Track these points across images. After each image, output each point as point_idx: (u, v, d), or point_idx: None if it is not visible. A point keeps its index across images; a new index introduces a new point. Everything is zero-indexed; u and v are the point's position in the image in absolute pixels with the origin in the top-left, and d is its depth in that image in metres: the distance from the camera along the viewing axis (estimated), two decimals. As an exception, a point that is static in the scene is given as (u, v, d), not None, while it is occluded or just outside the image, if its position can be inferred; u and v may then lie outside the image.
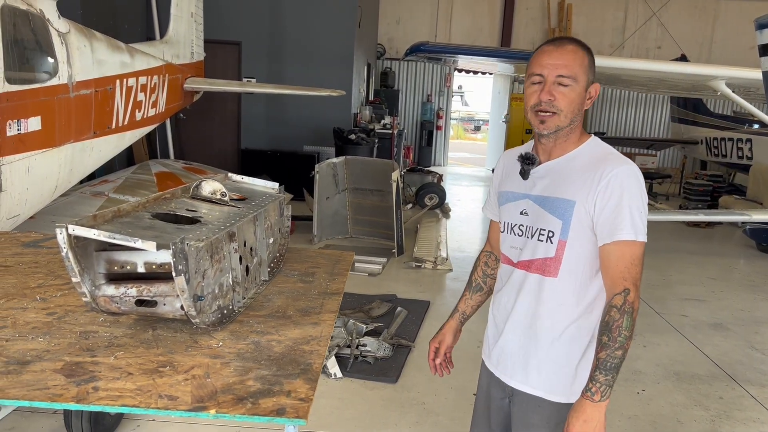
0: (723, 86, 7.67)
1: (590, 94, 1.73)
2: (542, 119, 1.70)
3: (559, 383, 1.78)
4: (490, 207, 2.05)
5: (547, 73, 1.68)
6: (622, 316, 1.61)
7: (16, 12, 3.65)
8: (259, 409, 1.35)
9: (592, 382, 1.63)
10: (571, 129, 1.73)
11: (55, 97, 4.04)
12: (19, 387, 1.39)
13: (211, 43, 9.23)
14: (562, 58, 1.67)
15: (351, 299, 5.36)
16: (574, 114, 1.70)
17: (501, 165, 1.97)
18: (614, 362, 1.60)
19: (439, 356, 2.11)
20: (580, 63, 1.69)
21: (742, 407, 3.96)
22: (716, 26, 15.97)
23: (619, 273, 1.63)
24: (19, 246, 2.60)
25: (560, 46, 1.69)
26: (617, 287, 1.63)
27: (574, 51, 1.69)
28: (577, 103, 1.70)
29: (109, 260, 1.67)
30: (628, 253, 1.63)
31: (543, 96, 1.68)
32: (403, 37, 15.95)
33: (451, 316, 2.15)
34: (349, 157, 7.62)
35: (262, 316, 1.90)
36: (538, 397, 1.80)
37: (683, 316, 5.68)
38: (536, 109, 1.70)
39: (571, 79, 1.67)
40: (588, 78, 1.71)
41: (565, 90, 1.67)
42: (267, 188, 2.54)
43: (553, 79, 1.67)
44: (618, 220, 1.64)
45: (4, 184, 3.55)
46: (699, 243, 9.01)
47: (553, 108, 1.68)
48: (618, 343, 1.60)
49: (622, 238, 1.63)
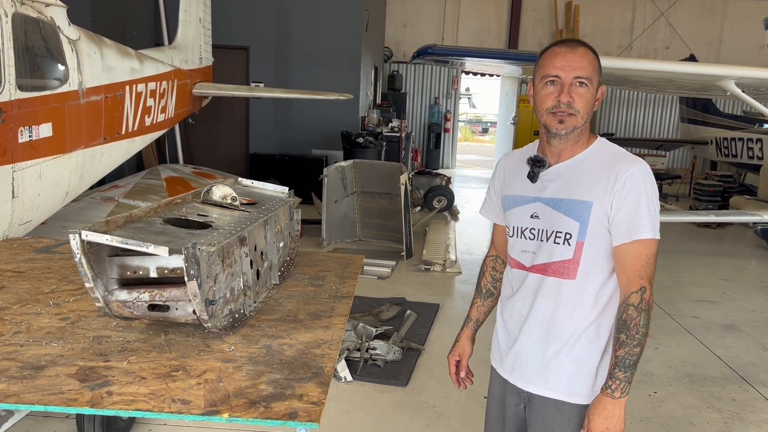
0: (732, 86, 7.61)
1: (599, 94, 1.74)
2: (561, 119, 1.69)
3: (580, 385, 1.77)
4: (490, 209, 2.03)
5: (564, 75, 1.68)
6: (640, 314, 1.63)
7: (27, 20, 3.68)
8: (271, 412, 1.36)
9: (612, 379, 1.65)
10: (583, 130, 1.74)
11: (66, 103, 4.07)
12: (33, 392, 1.40)
13: (220, 49, 9.27)
14: (577, 60, 1.68)
15: (360, 302, 5.37)
16: (588, 115, 1.72)
17: (501, 168, 1.96)
18: (633, 359, 1.64)
19: (462, 369, 2.11)
20: (593, 65, 1.70)
21: (755, 409, 3.93)
22: (725, 26, 15.89)
23: (635, 271, 1.65)
24: (32, 252, 2.62)
25: (573, 48, 1.70)
26: (633, 286, 1.65)
27: (587, 53, 1.70)
28: (591, 104, 1.71)
29: (122, 265, 1.69)
30: (644, 251, 1.65)
31: (563, 98, 1.67)
32: (410, 40, 15.96)
33: (465, 325, 2.14)
34: (357, 161, 7.63)
35: (273, 320, 1.91)
36: (558, 400, 1.79)
37: (695, 318, 5.64)
38: (554, 111, 1.70)
39: (588, 80, 1.68)
40: (599, 79, 1.73)
41: (582, 91, 1.68)
42: (277, 192, 2.55)
43: (571, 81, 1.68)
44: (636, 219, 1.65)
45: (16, 190, 3.58)
46: (710, 244, 8.96)
47: (571, 109, 1.68)
48: (636, 340, 1.63)
49: (641, 237, 1.65)
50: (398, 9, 16.21)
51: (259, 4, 10.56)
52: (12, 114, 3.47)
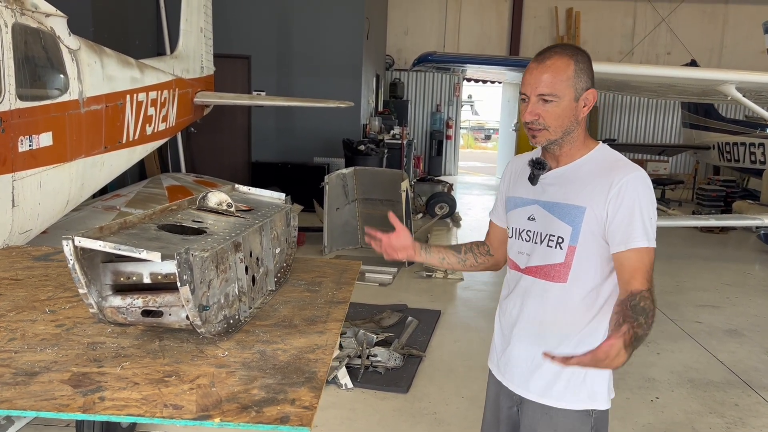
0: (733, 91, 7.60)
1: (586, 100, 1.71)
2: (533, 134, 1.73)
3: (569, 390, 1.77)
4: (496, 213, 2.05)
5: (529, 92, 1.70)
6: (654, 308, 1.57)
7: (27, 30, 3.71)
8: (263, 417, 1.36)
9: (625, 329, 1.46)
10: (571, 139, 1.74)
11: (66, 112, 4.09)
12: (26, 398, 1.40)
13: (221, 58, 9.32)
14: (541, 76, 1.67)
15: (362, 309, 5.36)
16: (564, 126, 1.70)
17: (510, 169, 1.97)
18: (642, 340, 1.51)
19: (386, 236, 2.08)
20: (562, 77, 1.66)
21: (758, 414, 3.90)
22: (726, 31, 15.89)
23: (638, 279, 1.63)
24: (30, 259, 2.63)
25: (541, 62, 1.69)
26: (641, 286, 1.62)
27: (555, 65, 1.67)
28: (565, 116, 1.69)
29: (116, 271, 1.69)
30: (644, 259, 1.64)
31: (526, 116, 1.71)
32: (411, 47, 16.01)
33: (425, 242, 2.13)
34: (359, 168, 7.64)
35: (268, 326, 1.91)
36: (546, 405, 1.79)
37: (697, 323, 5.61)
38: (527, 126, 1.73)
39: (551, 96, 1.67)
40: (576, 88, 1.68)
41: (548, 107, 1.68)
42: (274, 199, 2.55)
43: (536, 99, 1.69)
44: (632, 227, 1.64)
45: (16, 199, 3.59)
46: (713, 249, 8.93)
47: (540, 125, 1.70)
48: (649, 329, 1.54)
49: (638, 246, 1.64)
50: (399, 17, 16.28)
51: (261, 13, 10.62)
52: (12, 123, 3.49)
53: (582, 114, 1.72)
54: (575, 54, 1.70)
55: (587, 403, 1.77)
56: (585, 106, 1.72)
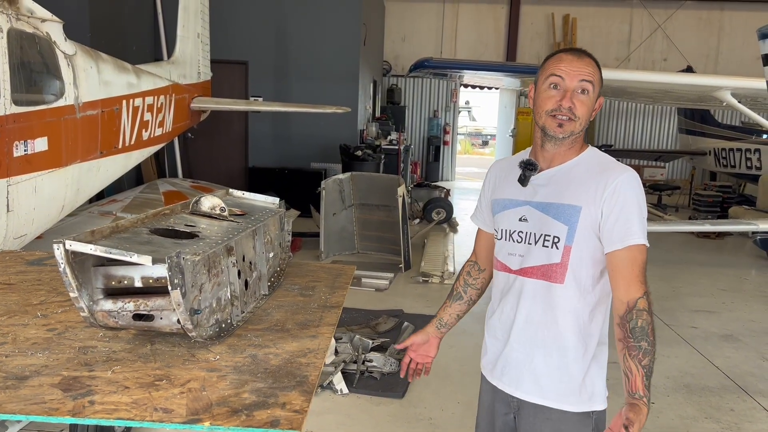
0: (729, 96, 7.66)
1: (599, 104, 1.78)
2: (560, 123, 1.71)
3: (568, 391, 1.77)
4: (480, 216, 2.05)
5: (568, 79, 1.70)
6: (652, 318, 1.64)
7: (23, 35, 3.71)
8: (253, 420, 1.35)
9: (648, 390, 1.60)
10: (579, 136, 1.77)
11: (62, 117, 4.09)
12: (16, 401, 1.40)
13: (219, 63, 9.34)
14: (582, 67, 1.71)
15: (357, 315, 5.36)
16: (587, 121, 1.75)
17: (492, 174, 1.99)
18: (653, 365, 1.62)
19: (412, 352, 2.10)
20: (597, 75, 1.74)
21: (753, 419, 3.90)
22: (722, 37, 15.96)
23: (636, 277, 1.66)
24: (24, 264, 2.63)
25: (580, 56, 1.74)
26: (637, 291, 1.65)
27: (592, 63, 1.75)
28: (590, 112, 1.74)
29: (107, 275, 1.69)
30: (640, 257, 1.67)
31: (564, 102, 1.70)
32: (408, 53, 16.05)
33: (430, 322, 2.15)
34: (355, 173, 7.65)
35: (260, 330, 1.90)
36: (547, 407, 1.78)
37: (693, 328, 5.62)
38: (554, 114, 1.71)
39: (591, 85, 1.71)
40: (599, 89, 1.76)
41: (584, 98, 1.71)
42: (267, 203, 2.55)
43: (575, 86, 1.70)
44: (628, 225, 1.67)
45: (11, 204, 3.59)
46: (709, 254, 8.94)
47: (572, 115, 1.70)
48: (654, 345, 1.63)
49: (634, 243, 1.66)
50: (397, 23, 16.33)
51: (258, 19, 10.65)
52: (7, 128, 3.49)
53: (592, 116, 1.77)
54: (597, 61, 1.79)
55: (588, 404, 1.77)
56: (594, 111, 1.77)
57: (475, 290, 2.10)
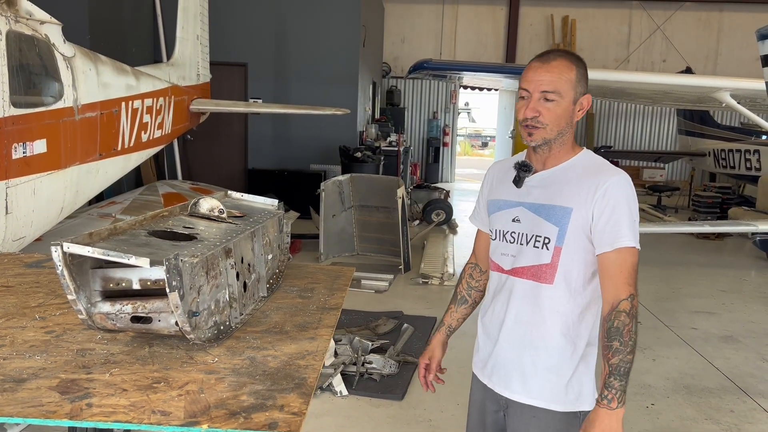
0: (728, 97, 7.66)
1: (581, 105, 1.76)
2: (529, 132, 1.75)
3: (556, 392, 1.78)
4: (478, 217, 2.08)
5: (532, 89, 1.73)
6: (632, 321, 1.65)
7: (22, 37, 3.71)
8: (251, 423, 1.35)
9: (608, 389, 1.64)
10: (562, 141, 1.77)
11: (61, 120, 4.09)
12: (13, 404, 1.39)
13: (218, 65, 9.34)
14: (546, 75, 1.71)
15: (357, 316, 5.35)
16: (561, 127, 1.74)
17: (490, 175, 2.01)
18: (627, 367, 1.64)
19: (431, 372, 2.13)
20: (565, 78, 1.72)
21: (753, 420, 3.90)
22: (721, 38, 15.98)
23: (623, 279, 1.67)
24: (22, 266, 2.62)
25: (546, 62, 1.73)
26: (623, 293, 1.66)
27: (559, 66, 1.72)
28: (563, 117, 1.74)
29: (105, 277, 1.68)
30: (630, 259, 1.68)
31: (527, 112, 1.73)
32: (408, 55, 16.07)
33: (438, 329, 2.17)
34: (355, 175, 7.65)
35: (259, 332, 1.90)
36: (534, 406, 1.79)
37: (693, 329, 5.61)
38: (524, 124, 1.76)
39: (555, 94, 1.71)
40: (576, 91, 1.74)
41: (550, 105, 1.72)
42: (266, 205, 2.55)
43: (538, 96, 1.72)
44: (618, 227, 1.68)
45: (10, 207, 3.59)
46: (709, 255, 8.94)
47: (538, 123, 1.73)
48: (629, 347, 1.64)
49: (624, 245, 1.67)
50: (396, 25, 16.34)
51: (257, 21, 10.65)
52: (6, 130, 3.49)
53: (577, 117, 1.77)
54: (577, 60, 1.76)
55: (575, 404, 1.78)
56: (580, 110, 1.76)
57: (479, 292, 2.12)
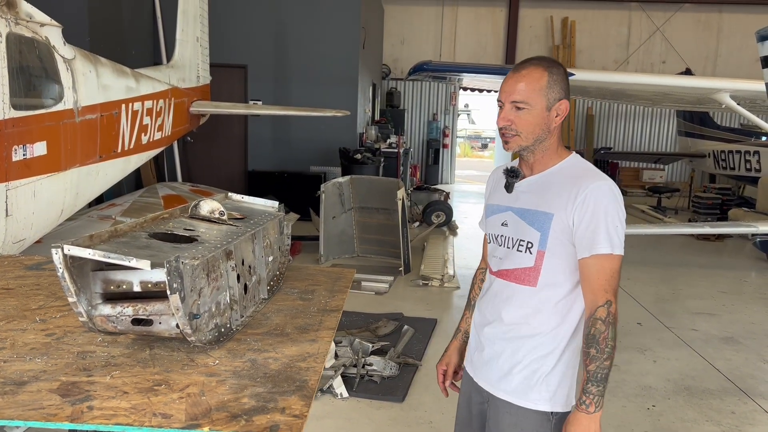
0: (727, 99, 7.66)
1: (558, 111, 1.78)
2: (505, 140, 1.81)
3: (531, 390, 1.83)
4: (483, 222, 2.12)
5: (504, 98, 1.78)
6: (608, 328, 1.68)
7: (22, 39, 3.71)
8: (252, 425, 1.34)
9: (586, 395, 1.69)
10: (544, 147, 1.81)
11: (61, 122, 4.09)
12: (14, 407, 1.39)
13: (218, 67, 9.34)
14: (516, 85, 1.75)
15: (357, 318, 5.35)
16: (536, 134, 1.78)
17: (490, 180, 2.07)
18: (604, 373, 1.68)
19: (448, 378, 2.19)
20: (534, 87, 1.74)
21: (754, 422, 3.89)
22: (721, 39, 15.99)
23: (600, 285, 1.70)
24: (22, 269, 2.62)
25: (517, 72, 1.77)
26: (600, 299, 1.70)
27: (529, 75, 1.75)
28: (537, 124, 1.77)
29: (106, 280, 1.68)
30: (608, 266, 1.70)
31: (499, 122, 1.79)
32: (407, 57, 16.08)
33: (455, 336, 2.23)
34: (355, 177, 7.65)
35: (259, 334, 1.90)
36: (509, 402, 1.85)
37: (694, 330, 5.61)
38: (500, 132, 1.82)
39: (524, 103, 1.75)
40: (548, 98, 1.76)
41: (521, 114, 1.76)
42: (267, 207, 2.54)
43: (509, 105, 1.77)
44: (595, 234, 1.70)
45: (10, 209, 3.59)
46: (709, 256, 8.94)
47: (512, 131, 1.78)
48: (606, 354, 1.68)
49: (600, 252, 1.69)
50: (396, 26, 16.35)
51: (257, 23, 10.66)
52: (6, 132, 3.49)
53: (554, 123, 1.79)
54: (550, 66, 1.77)
55: (547, 404, 1.81)
56: (557, 116, 1.78)
57: None
